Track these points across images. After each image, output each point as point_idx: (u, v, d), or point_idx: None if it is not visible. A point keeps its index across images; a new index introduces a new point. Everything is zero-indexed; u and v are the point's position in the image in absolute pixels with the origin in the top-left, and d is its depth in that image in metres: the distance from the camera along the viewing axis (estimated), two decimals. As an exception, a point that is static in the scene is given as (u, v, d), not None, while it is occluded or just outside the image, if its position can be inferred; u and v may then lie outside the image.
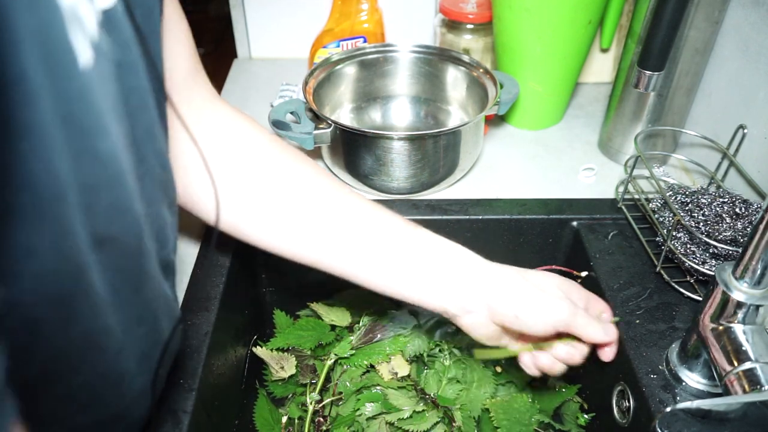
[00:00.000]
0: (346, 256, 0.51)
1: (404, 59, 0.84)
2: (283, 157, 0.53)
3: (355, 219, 0.52)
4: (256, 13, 1.04)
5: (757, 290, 0.45)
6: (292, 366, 0.66)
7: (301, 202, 0.52)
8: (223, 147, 0.52)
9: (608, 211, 0.71)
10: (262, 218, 0.52)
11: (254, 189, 0.52)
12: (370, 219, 0.52)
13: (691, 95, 0.76)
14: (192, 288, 0.62)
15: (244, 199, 0.52)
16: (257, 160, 0.52)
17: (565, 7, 0.75)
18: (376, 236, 0.51)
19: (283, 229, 0.52)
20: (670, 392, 0.53)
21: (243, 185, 0.52)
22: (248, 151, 0.52)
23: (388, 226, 0.52)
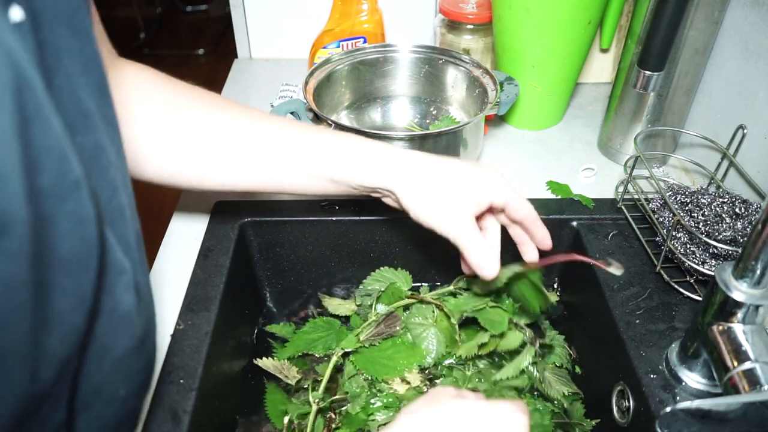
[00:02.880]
0: (256, 176, 0.56)
1: (404, 59, 0.84)
2: (191, 98, 0.57)
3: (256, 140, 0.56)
4: (256, 13, 1.04)
5: (756, 290, 0.45)
6: (294, 373, 0.65)
7: (241, 137, 0.56)
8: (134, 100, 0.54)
9: (608, 211, 0.72)
10: (192, 162, 0.55)
11: (177, 136, 0.55)
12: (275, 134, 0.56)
13: (691, 95, 0.76)
14: (192, 288, 0.62)
15: (169, 149, 0.55)
16: (168, 107, 0.55)
17: (565, 7, 0.75)
18: (281, 149, 0.55)
19: (212, 165, 0.56)
20: (670, 392, 0.53)
21: (162, 136, 0.54)
22: (156, 99, 0.55)
23: (296, 137, 0.56)
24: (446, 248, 0.74)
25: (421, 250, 0.75)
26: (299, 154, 0.55)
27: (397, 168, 0.54)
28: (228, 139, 0.55)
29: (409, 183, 0.54)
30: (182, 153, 0.55)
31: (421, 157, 0.55)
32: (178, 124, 0.55)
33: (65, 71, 0.32)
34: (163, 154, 0.55)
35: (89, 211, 0.32)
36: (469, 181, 0.54)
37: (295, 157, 0.55)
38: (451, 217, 0.53)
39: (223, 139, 0.55)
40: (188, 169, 0.56)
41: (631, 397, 0.56)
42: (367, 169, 0.55)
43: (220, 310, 0.60)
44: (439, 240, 0.73)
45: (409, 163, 0.55)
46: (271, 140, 0.56)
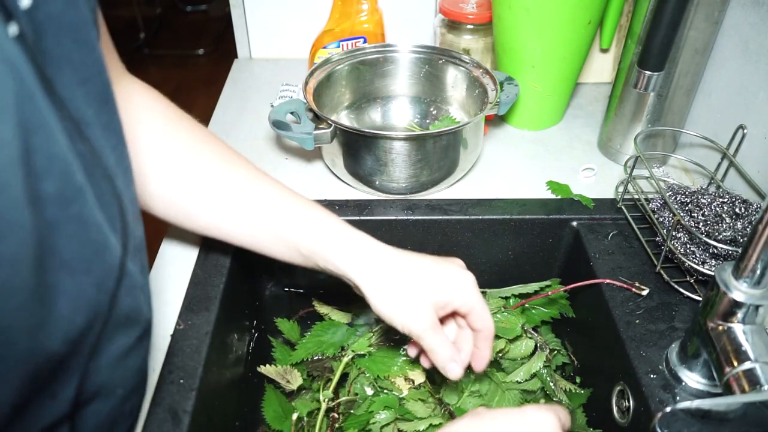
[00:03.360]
0: (237, 231, 0.57)
1: (404, 59, 0.84)
2: (202, 146, 0.57)
3: (245, 197, 0.56)
4: (256, 13, 1.04)
5: (756, 290, 0.45)
6: (297, 378, 0.66)
7: (230, 188, 0.56)
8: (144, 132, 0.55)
9: (608, 211, 0.72)
10: (191, 205, 0.56)
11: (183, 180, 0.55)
12: (258, 197, 0.56)
13: (691, 95, 0.76)
14: (192, 288, 0.62)
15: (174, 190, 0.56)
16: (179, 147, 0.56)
17: (565, 7, 0.75)
18: (261, 214, 0.56)
19: (214, 214, 0.57)
20: (669, 392, 0.53)
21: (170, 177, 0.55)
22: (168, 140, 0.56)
23: (272, 203, 0.56)
24: (446, 250, 0.74)
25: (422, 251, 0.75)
26: (278, 222, 0.55)
27: (363, 260, 0.53)
28: (221, 191, 0.56)
29: (373, 276, 0.52)
30: (173, 188, 0.55)
31: (389, 251, 0.54)
32: (178, 160, 0.55)
33: (65, 80, 0.32)
34: (156, 184, 0.55)
35: (94, 216, 0.32)
36: (436, 281, 0.53)
37: (274, 225, 0.55)
38: (414, 315, 0.51)
39: (216, 190, 0.56)
40: (176, 204, 0.56)
41: (631, 397, 0.56)
42: (333, 256, 0.53)
43: (220, 310, 0.60)
44: (439, 241, 0.73)
45: (375, 255, 0.53)
46: (258, 202, 0.56)
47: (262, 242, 0.57)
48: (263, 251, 0.57)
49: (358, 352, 0.65)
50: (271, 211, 0.56)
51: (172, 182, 0.55)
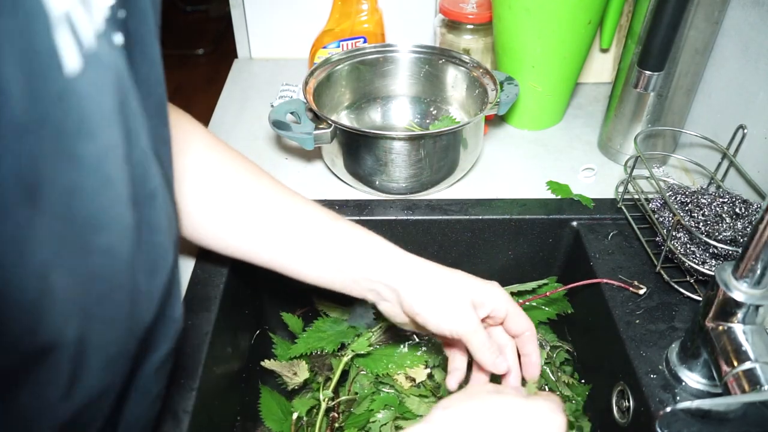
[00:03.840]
0: (275, 253, 0.56)
1: (404, 59, 0.84)
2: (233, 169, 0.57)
3: (285, 218, 0.56)
4: (256, 13, 1.04)
5: (756, 290, 0.45)
6: (304, 370, 0.66)
7: (242, 209, 0.56)
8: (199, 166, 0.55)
9: (608, 211, 0.72)
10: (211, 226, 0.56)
11: (209, 202, 0.55)
12: (300, 217, 0.56)
13: (691, 95, 0.76)
14: (192, 288, 0.62)
15: (201, 211, 0.56)
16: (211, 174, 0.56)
17: (565, 7, 0.75)
18: (303, 233, 0.55)
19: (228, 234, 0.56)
20: (670, 392, 0.53)
21: (200, 200, 0.55)
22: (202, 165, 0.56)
23: (316, 222, 0.56)
24: (446, 250, 0.74)
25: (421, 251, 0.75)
26: (314, 240, 0.55)
27: (402, 267, 0.54)
28: (259, 213, 0.55)
29: (414, 283, 0.53)
30: (214, 216, 0.55)
31: (423, 261, 0.55)
32: (219, 186, 0.55)
33: (152, 91, 0.35)
34: (201, 214, 0.55)
35: (162, 221, 0.35)
36: (471, 287, 0.53)
37: (310, 243, 0.55)
38: (460, 317, 0.52)
39: (255, 212, 0.55)
40: (211, 227, 0.56)
41: (631, 397, 0.56)
42: (375, 263, 0.54)
43: (220, 310, 0.60)
44: (439, 241, 0.73)
45: (412, 263, 0.54)
46: (296, 225, 0.56)
47: (314, 274, 0.56)
48: (294, 275, 0.57)
49: (358, 351, 0.65)
50: (310, 237, 0.55)
51: (211, 207, 0.55)
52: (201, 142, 0.56)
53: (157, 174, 0.34)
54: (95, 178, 0.27)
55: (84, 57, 0.25)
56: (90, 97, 0.26)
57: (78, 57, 0.25)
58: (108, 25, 0.28)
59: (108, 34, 0.27)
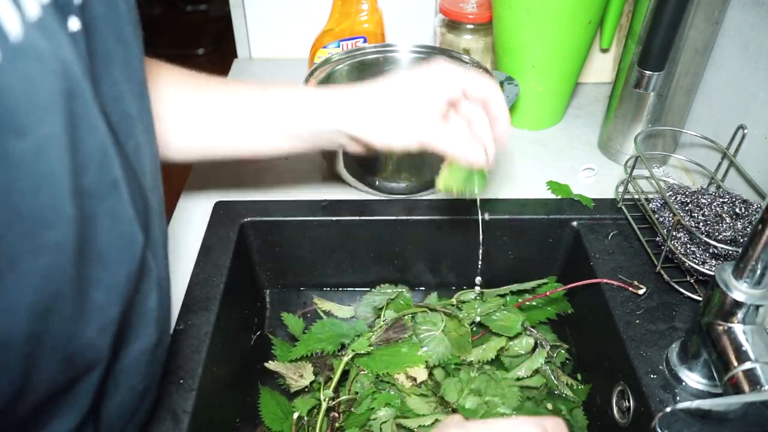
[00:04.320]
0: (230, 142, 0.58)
1: (404, 59, 0.84)
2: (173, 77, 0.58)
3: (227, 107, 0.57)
4: (256, 13, 1.04)
5: (757, 290, 0.45)
6: (309, 372, 0.66)
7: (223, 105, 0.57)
8: None
9: (608, 211, 0.72)
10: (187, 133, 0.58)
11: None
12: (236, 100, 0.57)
13: (691, 95, 0.76)
14: (192, 288, 0.62)
15: None
16: None
17: (565, 7, 0.75)
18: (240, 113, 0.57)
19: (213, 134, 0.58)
20: (670, 392, 0.53)
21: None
22: None
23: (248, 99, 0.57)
24: (447, 249, 0.74)
25: (421, 251, 0.75)
26: (248, 112, 0.56)
27: (345, 104, 0.53)
28: (204, 110, 0.57)
29: (358, 114, 0.52)
30: (187, 135, 0.57)
31: (363, 87, 0.54)
32: (193, 107, 0.57)
33: (111, 77, 0.34)
34: (181, 134, 0.57)
35: (127, 211, 0.34)
36: (419, 86, 0.52)
37: (245, 116, 0.57)
38: (415, 127, 0.51)
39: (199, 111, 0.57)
40: (193, 148, 0.58)
41: (631, 397, 0.56)
42: (314, 113, 0.54)
43: (220, 310, 0.60)
44: (440, 240, 0.73)
45: (351, 96, 0.53)
46: (230, 104, 0.57)
47: (241, 143, 0.58)
48: (246, 153, 0.59)
49: (359, 351, 0.65)
50: (239, 109, 0.57)
51: (186, 130, 0.57)
52: (170, 79, 0.57)
53: (119, 164, 0.32)
54: (33, 175, 0.26)
55: (6, 50, 0.24)
56: (15, 90, 0.25)
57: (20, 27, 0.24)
58: (50, 13, 0.26)
59: (48, 22, 0.26)
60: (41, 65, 0.26)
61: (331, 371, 0.66)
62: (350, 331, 0.68)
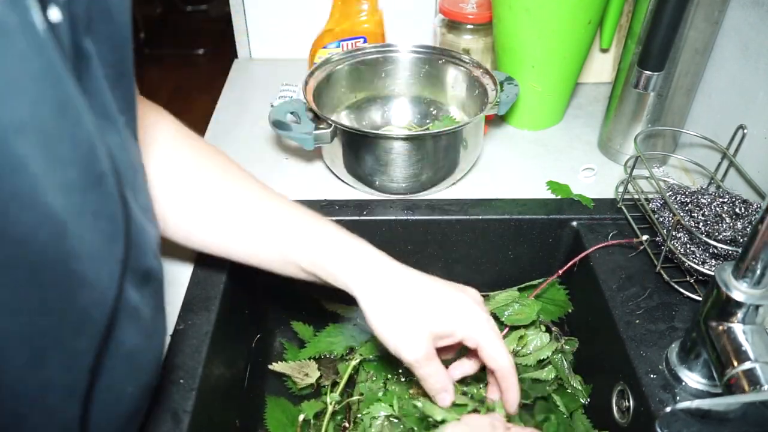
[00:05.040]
0: (236, 248, 0.56)
1: (404, 59, 0.84)
2: (211, 165, 0.56)
3: (245, 213, 0.55)
4: (256, 13, 1.04)
5: (756, 290, 0.45)
6: (314, 370, 0.66)
7: (232, 206, 0.55)
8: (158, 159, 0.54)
9: (608, 211, 0.72)
10: (196, 225, 0.55)
11: (189, 200, 0.55)
12: (256, 211, 0.55)
13: (691, 95, 0.76)
14: (192, 288, 0.62)
15: (180, 210, 0.55)
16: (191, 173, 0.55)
17: (565, 7, 0.75)
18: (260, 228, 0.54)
19: (216, 232, 0.55)
20: (670, 392, 0.53)
21: (178, 198, 0.54)
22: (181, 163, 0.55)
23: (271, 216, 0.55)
24: (446, 250, 0.74)
25: (422, 251, 0.75)
26: (278, 238, 0.54)
27: (363, 272, 0.51)
28: (220, 208, 0.55)
29: (372, 291, 0.50)
30: (187, 212, 0.55)
31: (394, 267, 0.52)
32: (180, 177, 0.55)
33: (94, 76, 0.33)
34: (164, 205, 0.54)
35: (113, 207, 0.32)
36: (439, 309, 0.50)
37: (274, 241, 0.54)
38: (408, 343, 0.49)
39: (216, 207, 0.55)
40: (175, 223, 0.55)
41: (631, 397, 0.56)
42: (332, 266, 0.52)
43: (220, 310, 0.60)
44: (439, 241, 0.73)
45: (377, 269, 0.51)
46: (258, 218, 0.55)
47: (263, 260, 0.55)
48: (266, 268, 0.56)
49: (367, 357, 0.65)
50: (271, 227, 0.54)
51: (172, 201, 0.54)
52: (167, 131, 0.55)
53: (106, 158, 0.31)
54: None
55: None
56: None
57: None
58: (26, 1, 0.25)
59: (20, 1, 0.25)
60: (4, 40, 0.24)
61: (337, 375, 0.66)
62: (360, 334, 0.68)
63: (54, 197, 0.28)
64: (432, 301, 0.50)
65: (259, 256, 0.55)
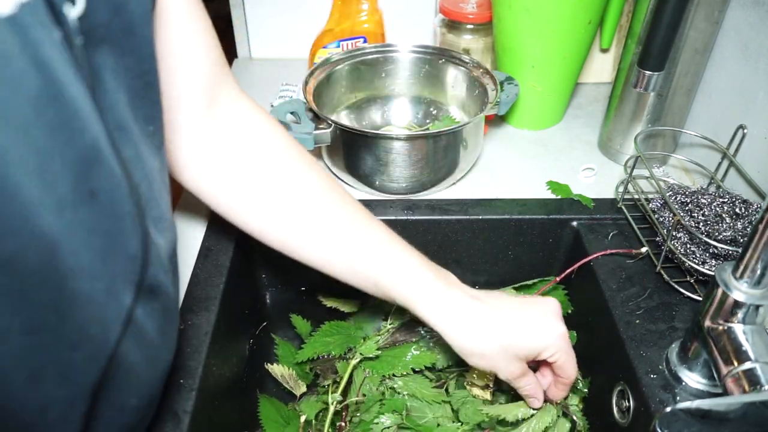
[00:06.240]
0: (328, 255, 0.55)
1: (404, 59, 0.84)
2: (288, 158, 0.56)
3: (343, 226, 0.55)
4: (256, 13, 1.04)
5: (756, 290, 0.45)
6: (301, 386, 0.66)
7: (299, 203, 0.55)
8: (236, 142, 0.55)
9: (608, 211, 0.71)
10: (260, 211, 0.55)
11: (254, 183, 0.55)
12: (355, 225, 0.55)
13: (691, 95, 0.76)
14: (192, 288, 0.62)
15: (244, 190, 0.55)
16: (264, 157, 0.56)
17: (565, 7, 0.75)
18: (356, 241, 0.54)
19: (281, 226, 0.55)
20: (670, 392, 0.53)
21: (245, 178, 0.55)
22: (259, 149, 0.56)
23: (372, 238, 0.55)
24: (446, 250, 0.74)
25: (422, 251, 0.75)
26: (354, 253, 0.54)
27: (445, 307, 0.52)
28: (309, 211, 0.55)
29: (458, 326, 0.51)
30: (265, 205, 0.55)
31: (473, 297, 0.52)
32: (273, 179, 0.55)
33: (106, 89, 0.32)
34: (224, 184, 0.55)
35: (109, 222, 0.32)
36: (524, 334, 0.52)
37: (350, 255, 0.54)
38: (504, 366, 0.52)
39: (303, 208, 0.55)
40: (260, 219, 0.55)
41: (631, 397, 0.56)
42: (414, 301, 0.52)
43: (220, 310, 0.60)
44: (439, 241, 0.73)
45: (458, 302, 0.52)
46: (336, 228, 0.54)
47: (335, 269, 0.55)
48: (335, 276, 0.56)
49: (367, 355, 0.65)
50: (349, 241, 0.54)
51: (237, 177, 0.55)
52: (251, 113, 0.57)
53: (108, 169, 0.30)
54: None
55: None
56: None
57: None
58: (31, 9, 0.25)
59: (23, 19, 0.25)
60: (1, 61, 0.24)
61: (336, 374, 0.66)
62: (358, 333, 0.68)
63: (45, 216, 0.27)
64: (517, 329, 0.52)
65: (333, 266, 0.55)
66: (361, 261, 0.54)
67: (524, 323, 0.52)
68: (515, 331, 0.52)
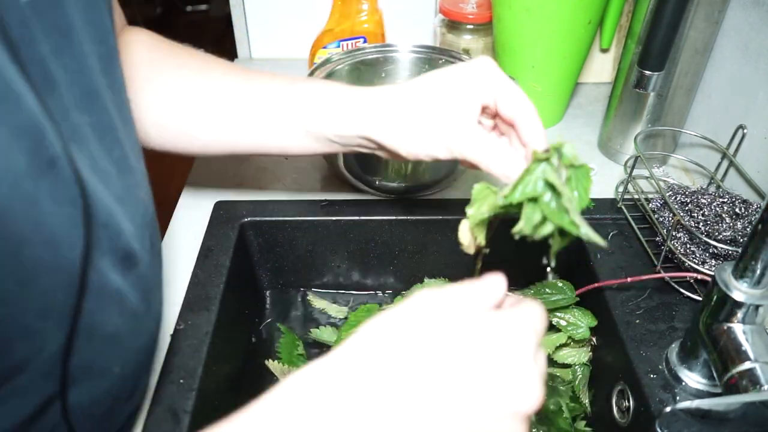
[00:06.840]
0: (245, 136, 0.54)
1: (404, 59, 0.84)
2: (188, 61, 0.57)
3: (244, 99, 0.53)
4: (256, 13, 1.04)
5: (756, 290, 0.45)
6: None
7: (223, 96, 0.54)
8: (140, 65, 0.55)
9: (608, 211, 0.71)
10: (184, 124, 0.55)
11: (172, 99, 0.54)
12: (257, 92, 0.53)
13: (691, 95, 0.76)
14: (192, 288, 0.62)
15: (166, 112, 0.54)
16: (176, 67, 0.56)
17: (565, 7, 0.75)
18: (265, 108, 0.53)
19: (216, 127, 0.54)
20: (670, 392, 0.53)
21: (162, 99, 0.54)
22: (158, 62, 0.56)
23: (274, 92, 0.53)
24: (446, 250, 0.74)
25: (422, 251, 0.75)
26: (275, 108, 0.52)
27: (371, 109, 0.48)
28: (220, 101, 0.54)
29: (384, 119, 0.48)
30: (165, 113, 0.54)
31: (390, 89, 0.49)
32: (182, 90, 0.54)
33: (75, 50, 0.32)
34: (159, 118, 0.54)
35: (71, 190, 0.32)
36: (451, 87, 0.46)
37: (272, 113, 0.52)
38: (446, 135, 0.46)
39: (215, 102, 0.54)
40: (169, 129, 0.55)
41: (631, 397, 0.56)
42: (341, 117, 0.49)
43: (220, 310, 0.60)
44: (440, 241, 0.73)
45: (382, 100, 0.48)
46: (254, 98, 0.53)
47: (273, 142, 0.53)
48: (277, 151, 0.54)
49: None
50: (270, 106, 0.52)
51: (162, 107, 0.54)
52: (143, 45, 0.56)
53: (57, 141, 0.30)
54: None
55: None
56: None
57: None
58: None
59: None
60: None
61: None
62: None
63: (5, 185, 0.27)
64: (448, 89, 0.47)
65: (265, 138, 0.53)
66: (283, 114, 0.52)
67: (452, 80, 0.47)
68: (446, 93, 0.46)
